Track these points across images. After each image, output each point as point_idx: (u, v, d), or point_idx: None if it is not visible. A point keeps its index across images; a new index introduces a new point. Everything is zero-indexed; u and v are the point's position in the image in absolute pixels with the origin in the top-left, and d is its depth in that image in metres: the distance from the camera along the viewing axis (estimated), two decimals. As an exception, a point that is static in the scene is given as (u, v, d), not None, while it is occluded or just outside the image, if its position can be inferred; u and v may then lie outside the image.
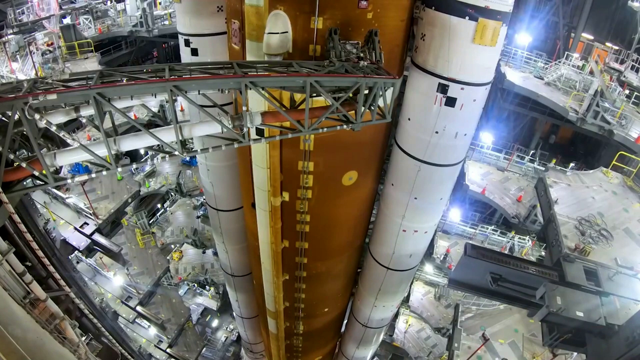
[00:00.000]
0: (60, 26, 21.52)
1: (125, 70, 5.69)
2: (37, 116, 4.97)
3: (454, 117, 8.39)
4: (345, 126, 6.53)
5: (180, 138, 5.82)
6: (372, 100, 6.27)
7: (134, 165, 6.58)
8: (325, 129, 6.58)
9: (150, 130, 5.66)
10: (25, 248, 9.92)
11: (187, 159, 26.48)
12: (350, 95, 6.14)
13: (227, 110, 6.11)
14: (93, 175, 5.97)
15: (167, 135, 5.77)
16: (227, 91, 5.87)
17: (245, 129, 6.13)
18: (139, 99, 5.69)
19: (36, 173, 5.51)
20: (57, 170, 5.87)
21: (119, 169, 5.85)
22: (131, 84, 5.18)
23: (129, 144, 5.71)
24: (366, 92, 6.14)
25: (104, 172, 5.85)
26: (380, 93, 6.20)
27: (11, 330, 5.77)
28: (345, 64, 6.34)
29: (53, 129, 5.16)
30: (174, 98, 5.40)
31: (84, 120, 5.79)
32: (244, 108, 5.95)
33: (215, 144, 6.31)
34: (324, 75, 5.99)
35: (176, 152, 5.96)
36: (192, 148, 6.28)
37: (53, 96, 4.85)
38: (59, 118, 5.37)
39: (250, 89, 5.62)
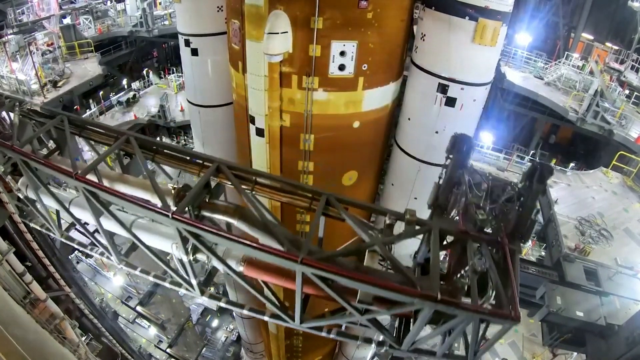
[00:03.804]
0: (60, 26, 21.57)
1: (88, 126, 5.01)
2: None
3: (454, 117, 8.38)
4: (374, 345, 4.27)
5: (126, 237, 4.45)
6: (443, 332, 3.59)
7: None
8: (337, 336, 4.39)
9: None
10: (25, 248, 9.94)
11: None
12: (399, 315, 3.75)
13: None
14: (52, 235, 5.45)
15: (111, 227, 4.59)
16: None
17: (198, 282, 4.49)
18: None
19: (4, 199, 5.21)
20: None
21: (62, 239, 5.24)
22: (44, 163, 4.22)
23: (82, 216, 4.95)
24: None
25: (53, 235, 5.19)
26: (469, 331, 3.55)
27: (11, 330, 5.77)
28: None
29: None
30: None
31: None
32: (205, 258, 4.30)
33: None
34: (336, 271, 3.30)
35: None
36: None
37: None
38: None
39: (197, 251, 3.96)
